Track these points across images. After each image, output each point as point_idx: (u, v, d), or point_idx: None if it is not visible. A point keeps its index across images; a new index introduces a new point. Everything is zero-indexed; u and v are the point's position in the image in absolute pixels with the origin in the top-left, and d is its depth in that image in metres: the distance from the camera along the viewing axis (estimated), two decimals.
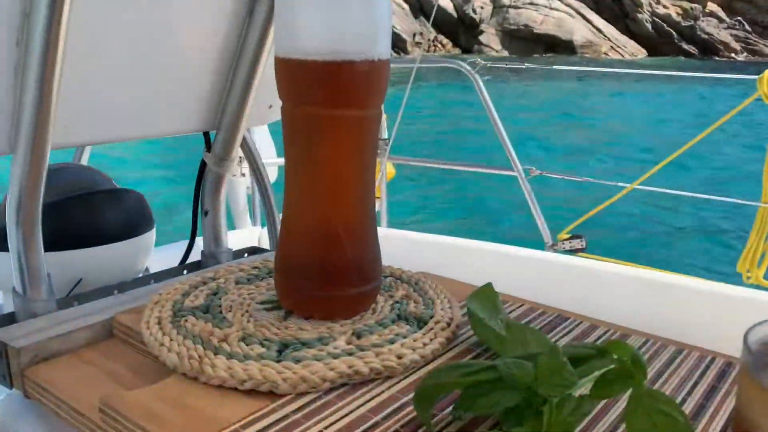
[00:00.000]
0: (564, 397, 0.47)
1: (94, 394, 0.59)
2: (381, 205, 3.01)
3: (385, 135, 2.93)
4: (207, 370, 0.58)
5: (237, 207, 2.48)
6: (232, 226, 2.57)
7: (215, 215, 0.91)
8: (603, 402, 0.56)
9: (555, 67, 3.27)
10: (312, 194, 0.64)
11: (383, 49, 0.61)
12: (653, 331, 0.70)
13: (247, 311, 0.69)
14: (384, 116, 2.91)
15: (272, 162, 2.27)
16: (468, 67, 2.62)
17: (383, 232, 2.13)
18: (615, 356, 0.49)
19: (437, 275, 0.86)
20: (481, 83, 2.57)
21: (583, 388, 0.51)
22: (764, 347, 0.36)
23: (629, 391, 0.48)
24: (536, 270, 1.57)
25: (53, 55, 0.64)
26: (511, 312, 0.75)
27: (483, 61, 2.62)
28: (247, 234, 2.04)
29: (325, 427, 0.52)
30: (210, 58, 0.84)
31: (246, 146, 1.15)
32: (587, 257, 2.33)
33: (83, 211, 0.87)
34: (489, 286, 0.68)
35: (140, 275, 0.92)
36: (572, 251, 2.43)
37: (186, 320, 0.67)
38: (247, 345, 0.62)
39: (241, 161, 2.41)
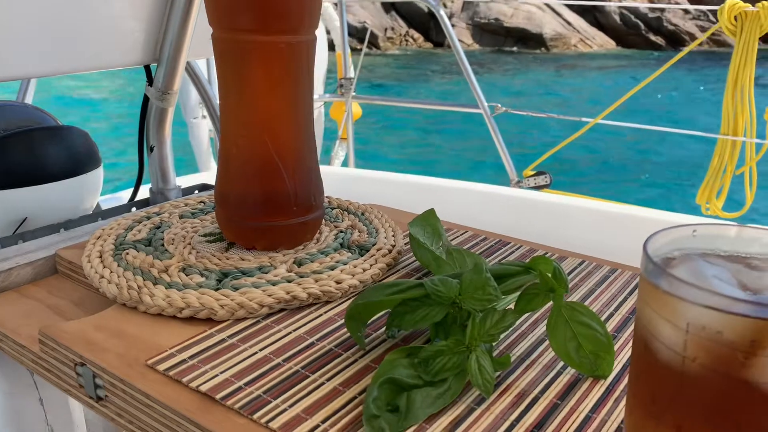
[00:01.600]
0: (488, 310, 0.48)
1: (34, 327, 0.59)
2: (348, 146, 2.99)
3: (350, 74, 2.89)
4: (146, 299, 0.58)
5: (200, 149, 2.45)
6: (196, 169, 2.55)
7: (161, 150, 0.90)
8: (533, 318, 0.57)
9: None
10: (247, 124, 0.63)
11: None
12: (609, 257, 0.71)
13: (189, 243, 0.69)
14: (349, 53, 2.85)
15: None
16: (432, 2, 2.58)
17: (351, 172, 2.13)
18: (539, 272, 0.50)
19: (389, 207, 0.87)
20: (445, 18, 2.54)
21: (509, 303, 0.52)
22: (661, 255, 0.37)
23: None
24: (501, 206, 1.60)
25: None
26: (454, 238, 0.76)
27: None
28: (210, 176, 2.02)
29: (260, 349, 0.53)
30: None
31: (201, 86, 1.13)
32: (551, 192, 2.36)
33: (24, 148, 0.85)
34: (431, 211, 0.68)
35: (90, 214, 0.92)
36: (537, 187, 2.46)
37: (127, 253, 0.67)
38: (187, 275, 0.62)
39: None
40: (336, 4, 2.75)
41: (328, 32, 3.00)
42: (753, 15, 1.99)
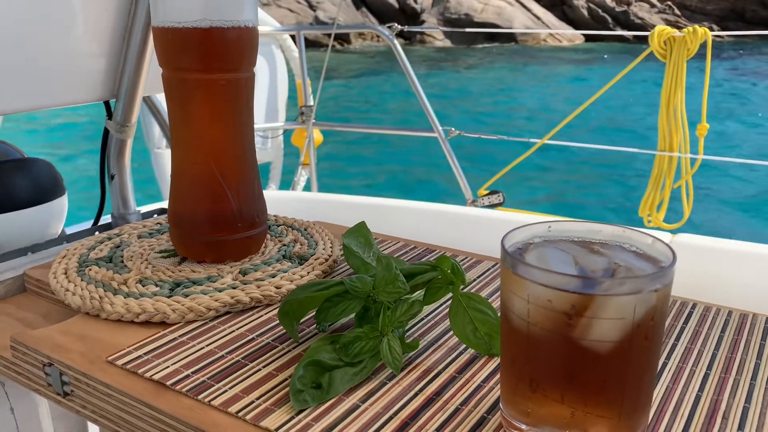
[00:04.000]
0: (398, 302, 0.57)
1: (5, 338, 0.66)
2: (310, 171, 3.08)
3: (310, 102, 2.99)
4: (107, 307, 0.66)
5: (163, 178, 2.52)
6: (161, 197, 2.61)
7: (121, 178, 0.98)
8: (444, 312, 0.67)
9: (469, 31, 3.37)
10: (194, 151, 0.72)
11: (250, 16, 0.69)
12: None
13: (146, 260, 0.77)
14: (308, 82, 2.96)
15: None
16: (385, 31, 2.69)
17: (314, 196, 2.22)
18: (441, 268, 0.59)
19: (334, 224, 0.96)
20: (398, 46, 2.65)
21: (420, 296, 0.61)
22: (515, 247, 0.47)
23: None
24: (457, 224, 1.70)
25: None
26: (386, 248, 0.85)
27: (399, 26, 2.69)
28: None
29: (207, 345, 0.61)
30: (104, 32, 0.90)
31: (162, 119, 1.22)
32: (505, 210, 2.48)
33: None
34: (362, 224, 0.77)
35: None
36: (492, 206, 2.58)
37: (90, 269, 0.74)
38: (143, 286, 0.70)
39: None
40: (294, 36, 2.86)
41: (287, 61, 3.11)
42: (680, 40, 2.14)
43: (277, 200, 1.85)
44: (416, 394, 0.53)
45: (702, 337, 0.61)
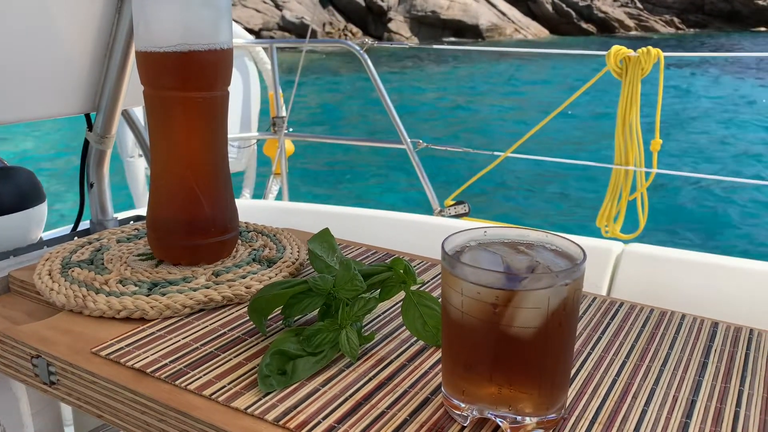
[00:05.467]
0: (356, 299, 0.65)
1: None
2: (282, 181, 3.13)
3: (282, 113, 3.05)
4: (89, 304, 0.72)
5: (136, 188, 2.56)
6: (132, 205, 2.65)
7: (100, 187, 1.04)
8: (398, 311, 0.74)
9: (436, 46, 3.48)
10: (172, 162, 0.78)
11: (225, 39, 0.76)
12: None
13: (125, 262, 0.83)
14: (280, 94, 3.02)
15: None
16: (356, 47, 2.77)
17: (285, 205, 2.28)
18: (394, 269, 0.67)
19: (300, 230, 1.03)
20: (369, 62, 2.73)
21: (375, 293, 0.69)
22: (454, 249, 0.54)
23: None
24: (424, 233, 1.78)
25: None
26: (350, 253, 0.92)
27: (370, 41, 2.78)
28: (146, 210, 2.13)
29: (183, 338, 0.67)
30: (86, 49, 0.96)
31: (137, 131, 1.27)
32: (470, 220, 2.57)
33: None
34: (326, 230, 0.84)
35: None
36: (457, 216, 2.66)
37: (73, 271, 0.80)
38: (123, 286, 0.76)
39: None
40: (266, 48, 2.92)
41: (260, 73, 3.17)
42: (635, 60, 2.26)
43: (249, 208, 1.91)
44: (370, 380, 0.60)
45: (624, 331, 0.70)
